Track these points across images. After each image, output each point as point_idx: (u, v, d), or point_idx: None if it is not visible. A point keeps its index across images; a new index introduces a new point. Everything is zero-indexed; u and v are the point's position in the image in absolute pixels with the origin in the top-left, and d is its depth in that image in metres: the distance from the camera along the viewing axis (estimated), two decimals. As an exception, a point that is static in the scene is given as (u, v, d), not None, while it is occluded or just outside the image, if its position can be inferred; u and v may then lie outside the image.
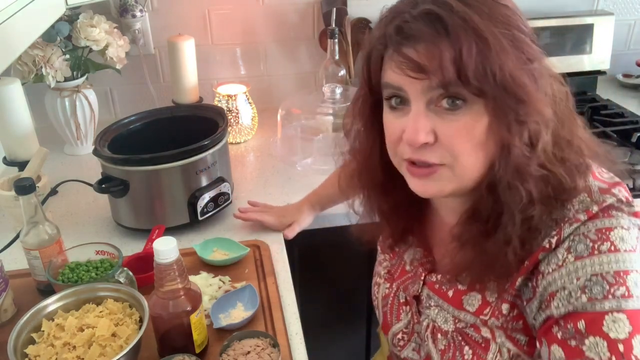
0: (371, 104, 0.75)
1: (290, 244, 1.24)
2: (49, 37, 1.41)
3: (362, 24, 1.77)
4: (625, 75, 1.98)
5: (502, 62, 0.62)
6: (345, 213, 1.31)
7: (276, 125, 1.61)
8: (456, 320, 0.79)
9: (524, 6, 0.70)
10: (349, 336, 1.60)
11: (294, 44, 1.82)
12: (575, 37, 1.76)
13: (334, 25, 1.64)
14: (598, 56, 1.79)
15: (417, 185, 0.72)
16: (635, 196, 1.36)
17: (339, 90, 1.54)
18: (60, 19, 1.36)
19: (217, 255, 1.16)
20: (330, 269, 1.45)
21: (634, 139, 1.55)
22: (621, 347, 0.60)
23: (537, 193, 0.66)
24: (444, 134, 0.66)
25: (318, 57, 1.81)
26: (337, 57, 1.65)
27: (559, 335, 0.64)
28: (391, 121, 0.71)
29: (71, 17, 1.48)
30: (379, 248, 0.98)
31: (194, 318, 0.88)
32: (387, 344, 1.01)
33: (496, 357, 0.74)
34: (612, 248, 0.63)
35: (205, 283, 1.07)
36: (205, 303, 1.01)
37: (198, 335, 0.90)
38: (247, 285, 1.06)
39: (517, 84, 0.63)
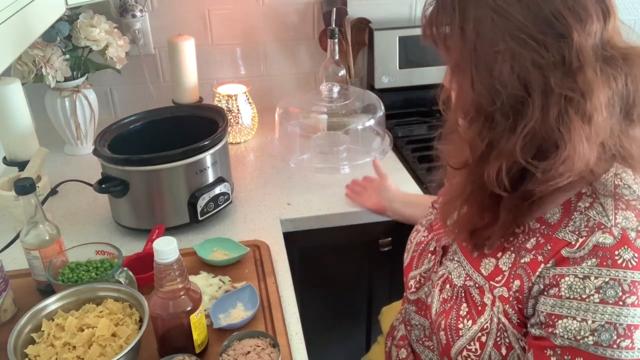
0: None
1: (290, 244, 1.25)
2: (49, 37, 1.41)
3: (362, 24, 1.77)
4: (625, 75, 1.98)
5: (456, 36, 0.71)
6: (344, 213, 1.32)
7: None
8: (467, 278, 0.83)
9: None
10: (349, 336, 1.60)
11: (294, 44, 1.82)
12: (575, 37, 1.76)
13: (334, 25, 1.64)
14: (598, 56, 1.79)
15: None
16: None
17: (336, 89, 1.54)
18: (60, 19, 1.36)
19: (217, 255, 1.16)
20: (330, 269, 1.45)
21: (634, 139, 1.54)
22: None
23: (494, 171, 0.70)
24: None
25: (318, 57, 1.81)
26: (337, 57, 1.65)
27: (552, 359, 0.69)
28: None
29: (71, 17, 1.48)
30: (432, 202, 1.04)
31: (194, 318, 0.88)
32: (386, 328, 1.08)
33: (486, 323, 0.77)
34: (636, 302, 0.65)
35: (205, 283, 1.07)
36: (205, 303, 1.01)
37: (198, 335, 0.90)
38: (247, 285, 1.06)
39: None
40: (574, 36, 0.65)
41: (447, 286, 0.86)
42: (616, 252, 0.66)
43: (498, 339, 0.77)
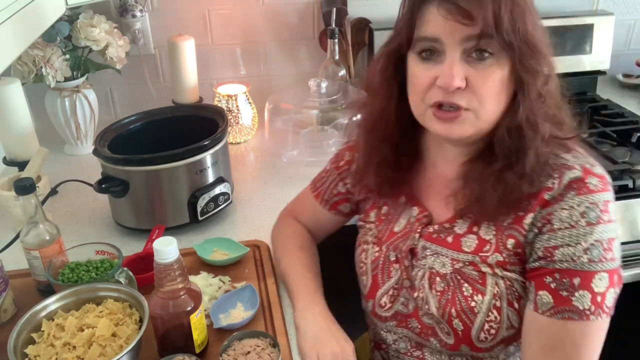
0: (395, 61, 0.85)
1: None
2: (49, 37, 1.41)
3: (362, 24, 1.77)
4: (625, 75, 1.98)
5: (526, 20, 0.75)
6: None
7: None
8: (454, 262, 0.87)
9: (524, 6, 0.74)
10: (349, 336, 1.60)
11: (294, 44, 1.82)
12: (575, 37, 1.76)
13: (334, 25, 1.64)
14: (598, 56, 1.79)
15: (443, 129, 0.80)
16: (635, 196, 1.37)
17: (324, 85, 1.55)
18: (60, 19, 1.35)
19: (217, 255, 1.16)
20: (329, 269, 1.45)
21: (634, 139, 1.55)
22: (599, 299, 0.76)
23: (547, 131, 0.79)
24: (474, 80, 0.76)
25: (318, 57, 1.81)
26: (337, 57, 1.65)
27: (552, 285, 0.78)
28: (421, 71, 0.80)
29: (71, 17, 1.48)
30: (359, 222, 1.05)
31: (194, 318, 0.88)
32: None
33: (495, 288, 0.83)
34: (609, 219, 0.77)
35: (205, 283, 1.07)
36: (205, 303, 1.01)
37: (198, 335, 0.90)
38: (247, 285, 1.06)
39: (536, 38, 0.76)
40: None
41: (437, 279, 0.87)
42: (586, 181, 0.78)
43: (509, 296, 0.83)
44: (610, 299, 0.77)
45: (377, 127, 0.90)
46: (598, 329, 0.77)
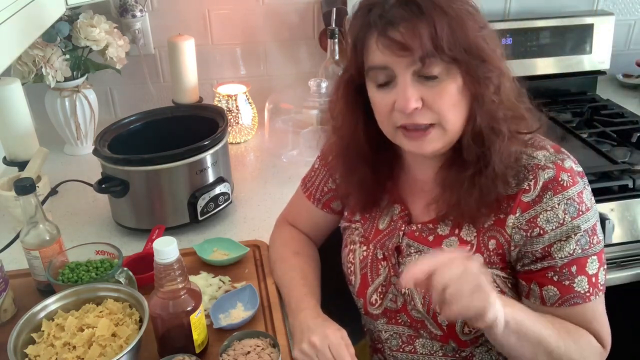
0: (354, 88, 0.87)
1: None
2: (49, 37, 1.41)
3: (362, 24, 1.77)
4: (625, 75, 1.98)
5: (466, 32, 0.76)
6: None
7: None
8: None
9: (524, 6, 0.74)
10: (349, 336, 1.60)
11: (294, 44, 1.82)
12: (575, 37, 1.76)
13: (334, 25, 1.64)
14: (598, 56, 1.79)
15: (414, 146, 0.83)
16: (635, 196, 1.37)
17: (324, 85, 1.55)
18: (60, 19, 1.35)
19: (217, 255, 1.16)
20: (329, 269, 1.45)
21: (634, 139, 1.55)
22: (593, 280, 0.83)
23: (510, 130, 0.81)
24: (430, 98, 0.78)
25: (318, 57, 1.81)
26: (337, 57, 1.65)
27: (555, 278, 0.83)
28: (381, 97, 0.82)
29: (71, 17, 1.48)
30: (344, 223, 1.05)
31: (194, 318, 0.88)
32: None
33: None
34: (586, 208, 0.83)
35: (205, 283, 1.07)
36: (205, 303, 1.01)
37: (198, 335, 0.90)
38: (247, 285, 1.06)
39: (479, 47, 0.78)
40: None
41: None
42: (560, 179, 0.82)
43: None
44: (602, 277, 0.84)
45: (350, 150, 0.92)
46: (599, 305, 0.85)
